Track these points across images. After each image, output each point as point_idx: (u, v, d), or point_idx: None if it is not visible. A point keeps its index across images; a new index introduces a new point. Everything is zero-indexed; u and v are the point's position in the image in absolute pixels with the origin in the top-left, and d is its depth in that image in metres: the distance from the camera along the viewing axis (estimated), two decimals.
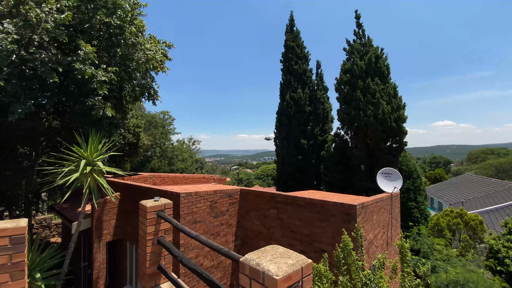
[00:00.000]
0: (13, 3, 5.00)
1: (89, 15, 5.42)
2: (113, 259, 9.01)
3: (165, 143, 30.48)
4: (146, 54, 5.99)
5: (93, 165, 4.04)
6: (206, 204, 6.76)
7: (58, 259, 4.28)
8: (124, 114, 6.91)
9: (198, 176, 13.81)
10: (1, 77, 4.25)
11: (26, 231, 2.67)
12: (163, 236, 3.45)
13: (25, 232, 2.64)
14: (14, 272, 2.55)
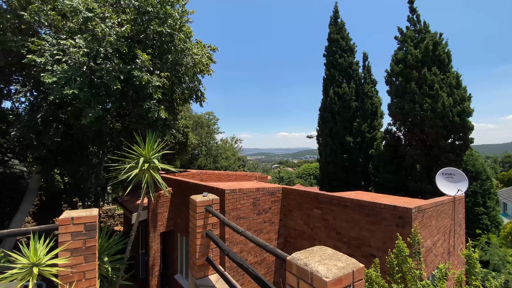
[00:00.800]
0: (82, 20, 5.79)
1: (144, 26, 5.99)
2: (166, 249, 9.82)
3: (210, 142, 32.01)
4: (193, 59, 6.38)
5: (150, 162, 4.47)
6: (249, 201, 6.90)
7: (121, 246, 4.84)
8: (175, 115, 7.47)
9: (241, 173, 14.15)
10: (75, 86, 4.97)
11: (97, 220, 3.07)
12: (211, 229, 3.62)
13: (96, 220, 3.04)
14: (87, 255, 2.95)
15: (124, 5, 6.39)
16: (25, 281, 2.35)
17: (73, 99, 5.47)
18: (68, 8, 5.98)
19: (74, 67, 5.01)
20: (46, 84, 5.19)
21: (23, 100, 8.01)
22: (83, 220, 2.91)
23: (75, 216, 2.87)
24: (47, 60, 5.15)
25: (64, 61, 5.13)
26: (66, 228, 2.83)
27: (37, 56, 5.30)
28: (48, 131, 6.12)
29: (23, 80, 7.73)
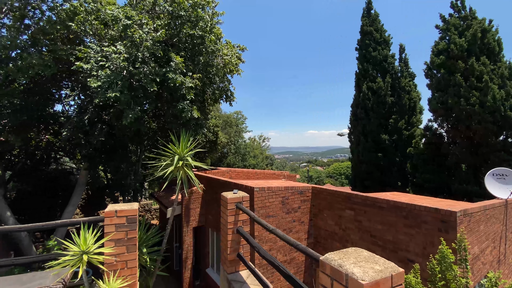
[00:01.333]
0: (122, 28, 6.23)
1: (177, 30, 6.27)
2: (198, 243, 10.21)
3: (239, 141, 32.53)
4: (223, 59, 6.54)
5: (184, 160, 4.68)
6: (278, 199, 6.88)
7: (158, 238, 5.15)
8: (206, 115, 7.73)
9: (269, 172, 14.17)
10: (117, 89, 5.39)
11: (137, 213, 3.29)
12: (242, 226, 3.69)
13: (136, 214, 3.26)
14: (129, 245, 3.18)
15: (159, 11, 6.75)
16: (76, 267, 2.61)
17: (114, 101, 5.93)
18: (109, 17, 6.48)
19: (116, 71, 5.44)
20: (91, 88, 5.70)
21: (72, 103, 8.88)
22: (125, 213, 3.15)
23: (118, 209, 3.12)
24: (93, 66, 5.65)
25: (107, 66, 5.59)
26: (111, 220, 3.08)
27: (83, 62, 5.84)
28: (93, 131, 6.73)
29: (72, 85, 8.55)
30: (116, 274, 2.97)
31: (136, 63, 5.82)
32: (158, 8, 6.51)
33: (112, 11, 6.09)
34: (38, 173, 11.17)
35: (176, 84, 5.70)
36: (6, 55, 6.47)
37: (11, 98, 6.65)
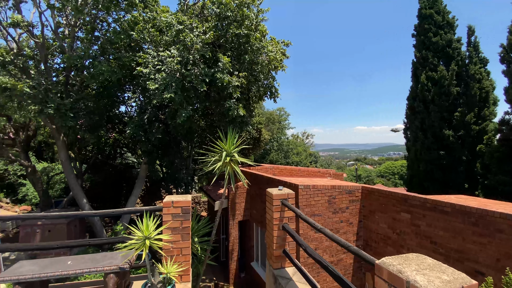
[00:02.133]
0: (175, 33, 6.71)
1: (224, 31, 6.51)
2: (243, 237, 10.53)
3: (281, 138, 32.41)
4: (268, 56, 6.57)
5: (231, 156, 4.87)
6: (324, 198, 6.67)
7: (208, 229, 5.46)
8: (250, 112, 7.89)
9: (313, 169, 13.81)
10: (171, 91, 5.86)
11: (190, 205, 3.53)
12: (287, 223, 3.68)
13: (190, 205, 3.50)
14: (183, 234, 3.44)
15: (207, 14, 7.08)
16: (139, 251, 2.93)
17: (169, 101, 6.45)
18: (164, 24, 7.04)
19: (170, 74, 5.92)
20: (150, 90, 6.29)
21: (133, 104, 9.94)
22: (180, 204, 3.41)
23: (175, 200, 3.39)
24: (151, 70, 6.23)
25: (163, 69, 6.10)
26: (168, 210, 3.37)
27: (143, 67, 6.47)
28: (152, 129, 7.45)
29: (133, 88, 9.56)
30: (173, 260, 3.25)
31: (188, 65, 6.23)
32: (207, 11, 6.83)
33: (166, 18, 6.60)
34: (107, 166, 12.83)
35: (224, 84, 5.94)
36: (81, 64, 7.55)
37: (86, 101, 7.74)
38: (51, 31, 7.78)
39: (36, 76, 7.08)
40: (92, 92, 8.57)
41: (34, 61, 7.61)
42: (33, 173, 10.08)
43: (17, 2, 7.14)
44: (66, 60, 6.83)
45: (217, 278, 10.07)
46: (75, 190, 8.31)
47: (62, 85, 7.80)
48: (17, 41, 7.44)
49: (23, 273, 2.73)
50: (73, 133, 7.83)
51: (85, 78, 8.01)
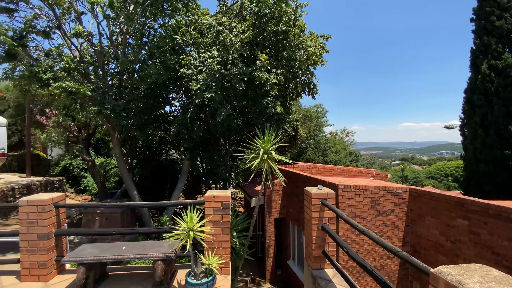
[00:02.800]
0: (215, 34, 6.94)
1: (262, 29, 6.54)
2: (279, 234, 10.54)
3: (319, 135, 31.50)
4: (307, 51, 6.43)
5: (268, 154, 4.90)
6: (367, 199, 6.34)
7: (246, 224, 5.59)
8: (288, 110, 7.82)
9: (354, 169, 13.19)
10: (212, 90, 6.10)
11: (230, 200, 3.65)
12: (327, 223, 3.57)
13: (229, 200, 3.61)
14: (224, 228, 3.57)
15: (245, 13, 7.18)
16: (184, 241, 3.12)
17: (209, 101, 6.73)
18: (204, 26, 7.33)
19: (211, 74, 6.17)
20: (192, 90, 6.63)
21: (177, 104, 10.57)
22: (220, 199, 3.55)
23: (216, 195, 3.54)
24: (193, 72, 6.56)
25: (204, 70, 6.38)
26: (209, 204, 3.53)
27: (186, 69, 6.84)
28: (194, 127, 7.86)
29: (177, 89, 10.16)
30: (214, 252, 3.40)
31: (227, 65, 6.42)
32: (245, 10, 6.93)
33: (206, 20, 6.87)
34: (153, 162, 13.89)
35: (261, 82, 5.99)
36: (132, 68, 8.25)
37: (136, 102, 8.45)
38: (106, 39, 8.65)
39: (95, 80, 7.96)
40: (141, 94, 9.33)
41: (93, 67, 8.56)
42: (93, 167, 11.39)
43: (78, 15, 8.09)
44: (120, 65, 7.54)
45: (253, 273, 10.26)
46: (127, 183, 9.18)
47: (116, 88, 8.64)
48: (79, 49, 8.44)
49: (85, 255, 3.10)
50: (126, 131, 8.65)
51: (136, 81, 8.75)
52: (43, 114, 13.54)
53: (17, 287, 3.17)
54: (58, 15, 7.64)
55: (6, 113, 16.38)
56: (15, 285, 3.21)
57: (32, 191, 10.46)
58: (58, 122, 11.08)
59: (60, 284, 3.26)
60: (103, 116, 7.65)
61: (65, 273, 3.57)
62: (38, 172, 14.34)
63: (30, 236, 3.27)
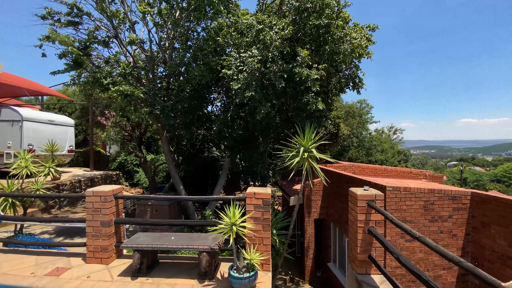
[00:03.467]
0: (255, 33, 7.00)
1: (303, 23, 6.39)
2: (319, 235, 10.27)
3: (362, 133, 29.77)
4: (352, 44, 6.09)
5: (308, 152, 4.79)
6: (419, 203, 5.81)
7: (285, 223, 5.57)
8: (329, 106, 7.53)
9: (403, 169, 12.22)
10: (252, 89, 6.18)
11: (270, 197, 3.66)
12: (374, 227, 3.36)
13: (270, 197, 3.62)
14: (264, 225, 3.59)
15: (285, 10, 7.10)
16: (227, 236, 3.22)
17: (249, 99, 6.83)
18: (244, 26, 7.45)
19: (251, 73, 6.25)
20: (233, 90, 6.81)
21: (218, 104, 10.97)
22: (261, 196, 3.58)
23: (256, 192, 3.58)
24: (234, 71, 6.72)
25: (244, 70, 6.49)
26: (250, 200, 3.59)
27: (227, 69, 7.05)
28: (234, 126, 8.08)
29: (218, 89, 10.53)
30: (255, 248, 3.45)
31: (267, 63, 6.44)
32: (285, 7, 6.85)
33: (247, 20, 6.96)
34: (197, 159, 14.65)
35: (302, 78, 5.87)
36: (178, 70, 8.78)
37: (182, 103, 8.99)
38: (155, 45, 9.35)
39: (147, 84, 8.66)
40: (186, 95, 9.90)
41: (145, 71, 9.33)
42: (145, 163, 12.46)
43: (132, 24, 8.87)
44: (168, 68, 8.09)
45: (292, 273, 10.18)
46: (174, 178, 9.85)
47: (164, 90, 9.30)
48: (132, 55, 9.28)
49: (140, 242, 3.41)
50: (173, 130, 9.26)
51: (181, 82, 9.30)
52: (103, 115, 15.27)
53: (83, 267, 3.63)
54: (115, 25, 8.50)
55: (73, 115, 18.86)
56: (81, 266, 3.68)
57: (95, 183, 11.87)
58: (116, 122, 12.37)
59: (119, 267, 3.64)
60: (154, 116, 8.30)
61: (122, 258, 3.98)
62: (99, 166, 16.22)
63: (94, 223, 3.71)
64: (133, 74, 8.57)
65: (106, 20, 8.39)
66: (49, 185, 9.06)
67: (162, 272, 3.52)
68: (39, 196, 4.43)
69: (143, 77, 9.36)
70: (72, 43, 7.55)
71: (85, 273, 3.45)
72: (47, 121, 11.00)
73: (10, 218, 5.58)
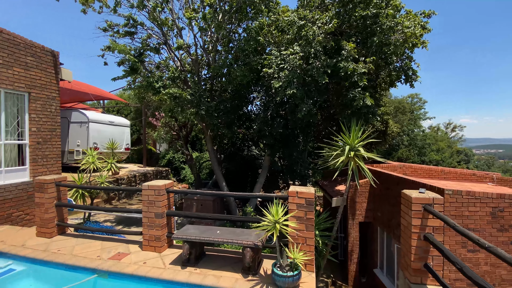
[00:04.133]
0: (296, 30, 6.89)
1: (348, 15, 6.07)
2: (364, 239, 9.71)
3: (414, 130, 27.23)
4: (404, 33, 5.59)
5: (355, 151, 4.55)
6: (485, 209, 5.13)
7: (328, 224, 5.38)
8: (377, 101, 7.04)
9: (464, 171, 10.87)
10: (293, 87, 6.10)
11: (314, 197, 3.57)
12: (431, 233, 3.06)
13: (313, 197, 3.54)
14: (308, 224, 3.52)
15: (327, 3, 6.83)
16: (270, 233, 3.24)
17: (289, 97, 6.76)
18: (285, 23, 7.38)
19: (292, 71, 6.17)
20: (273, 88, 6.81)
21: (258, 103, 11.10)
22: (304, 195, 3.52)
23: (299, 190, 3.53)
24: (274, 70, 6.72)
25: (286, 67, 6.44)
26: (293, 199, 3.55)
27: (268, 68, 7.08)
28: (274, 124, 8.09)
29: (258, 88, 10.64)
30: (298, 247, 3.41)
31: (309, 59, 6.29)
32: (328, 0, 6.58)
33: (288, 17, 6.88)
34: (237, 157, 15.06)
35: (348, 72, 5.58)
36: (221, 72, 9.10)
37: (224, 103, 9.31)
38: (200, 48, 9.85)
39: (193, 86, 9.18)
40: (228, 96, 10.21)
41: (190, 74, 9.90)
42: (191, 160, 13.25)
43: (179, 30, 9.47)
44: (212, 70, 8.46)
45: (334, 276, 9.81)
46: (218, 175, 10.27)
47: (208, 91, 9.75)
48: (180, 60, 9.90)
49: (189, 234, 3.63)
50: (216, 129, 9.66)
51: (224, 83, 9.63)
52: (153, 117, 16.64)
53: (139, 254, 4.00)
54: (165, 32, 9.17)
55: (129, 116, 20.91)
56: (138, 252, 4.06)
57: (147, 178, 13.02)
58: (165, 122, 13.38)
59: (170, 256, 3.93)
60: (199, 116, 8.76)
61: (172, 247, 4.29)
62: (150, 163, 17.73)
63: (149, 214, 4.07)
64: (181, 77, 9.15)
65: (156, 28, 9.10)
66: (110, 179, 10.22)
67: (208, 264, 3.70)
68: (104, 189, 5.05)
69: (189, 80, 9.94)
70: (129, 51, 8.35)
71: (142, 259, 3.81)
72: (108, 122, 12.40)
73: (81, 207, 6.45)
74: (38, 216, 4.58)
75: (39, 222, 4.59)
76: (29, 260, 3.84)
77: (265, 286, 3.14)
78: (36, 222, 4.66)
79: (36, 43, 6.18)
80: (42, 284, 3.50)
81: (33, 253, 3.93)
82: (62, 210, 4.82)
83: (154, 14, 8.21)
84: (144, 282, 3.36)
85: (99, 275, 3.50)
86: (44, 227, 4.58)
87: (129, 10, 8.64)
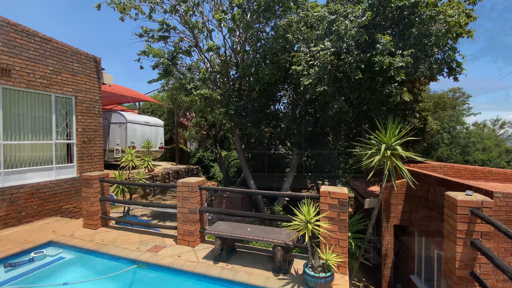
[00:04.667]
0: (327, 25, 6.69)
1: (382, 7, 5.75)
2: (399, 243, 9.18)
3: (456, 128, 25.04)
4: (447, 23, 5.14)
5: (391, 149, 4.30)
6: None
7: (362, 226, 5.17)
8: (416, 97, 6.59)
9: None
10: (324, 84, 5.94)
11: (347, 197, 3.46)
12: (479, 239, 2.80)
13: (347, 198, 3.42)
14: (340, 226, 3.41)
15: None
16: (301, 233, 3.20)
17: (319, 94, 6.60)
18: (315, 19, 7.20)
19: (323, 67, 6.01)
20: (302, 86, 6.70)
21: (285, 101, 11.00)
22: (337, 196, 3.42)
23: (332, 191, 3.44)
24: (303, 67, 6.60)
25: (316, 64, 6.29)
26: (325, 199, 3.47)
27: (296, 65, 6.98)
28: (302, 122, 7.96)
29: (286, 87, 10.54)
30: (331, 249, 3.33)
31: (341, 54, 6.08)
32: None
33: (318, 12, 6.71)
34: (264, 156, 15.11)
35: (383, 67, 5.29)
36: (249, 71, 9.16)
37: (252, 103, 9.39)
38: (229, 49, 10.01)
39: (222, 86, 9.39)
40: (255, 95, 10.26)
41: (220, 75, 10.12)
42: (220, 159, 13.59)
43: (209, 32, 9.72)
44: (240, 70, 8.56)
45: (366, 280, 9.42)
46: (246, 173, 10.40)
47: (236, 91, 9.89)
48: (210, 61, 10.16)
49: (221, 230, 3.72)
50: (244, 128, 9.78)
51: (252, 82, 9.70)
52: (185, 117, 17.32)
53: (174, 247, 4.20)
54: (195, 35, 9.47)
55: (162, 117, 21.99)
56: (173, 246, 4.26)
57: (180, 175, 13.60)
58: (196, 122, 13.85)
59: (202, 251, 4.07)
60: (228, 116, 8.93)
61: (204, 242, 4.43)
62: (182, 161, 18.49)
63: (183, 210, 4.24)
64: (211, 78, 9.39)
65: (188, 31, 9.44)
66: (146, 176, 10.85)
67: (239, 260, 3.76)
68: (142, 185, 5.39)
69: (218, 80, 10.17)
70: (163, 54, 8.77)
71: (176, 253, 3.99)
72: (143, 123, 13.17)
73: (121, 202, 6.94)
74: (85, 209, 5.02)
75: (86, 214, 5.03)
76: (77, 249, 4.22)
77: (296, 285, 3.11)
78: (82, 214, 5.10)
79: (81, 50, 6.76)
80: (88, 271, 3.82)
81: (81, 243, 4.32)
82: (105, 204, 5.23)
83: (186, 17, 8.51)
84: (179, 274, 3.52)
85: (138, 265, 3.74)
86: (90, 219, 5.00)
87: (162, 16, 9.06)
